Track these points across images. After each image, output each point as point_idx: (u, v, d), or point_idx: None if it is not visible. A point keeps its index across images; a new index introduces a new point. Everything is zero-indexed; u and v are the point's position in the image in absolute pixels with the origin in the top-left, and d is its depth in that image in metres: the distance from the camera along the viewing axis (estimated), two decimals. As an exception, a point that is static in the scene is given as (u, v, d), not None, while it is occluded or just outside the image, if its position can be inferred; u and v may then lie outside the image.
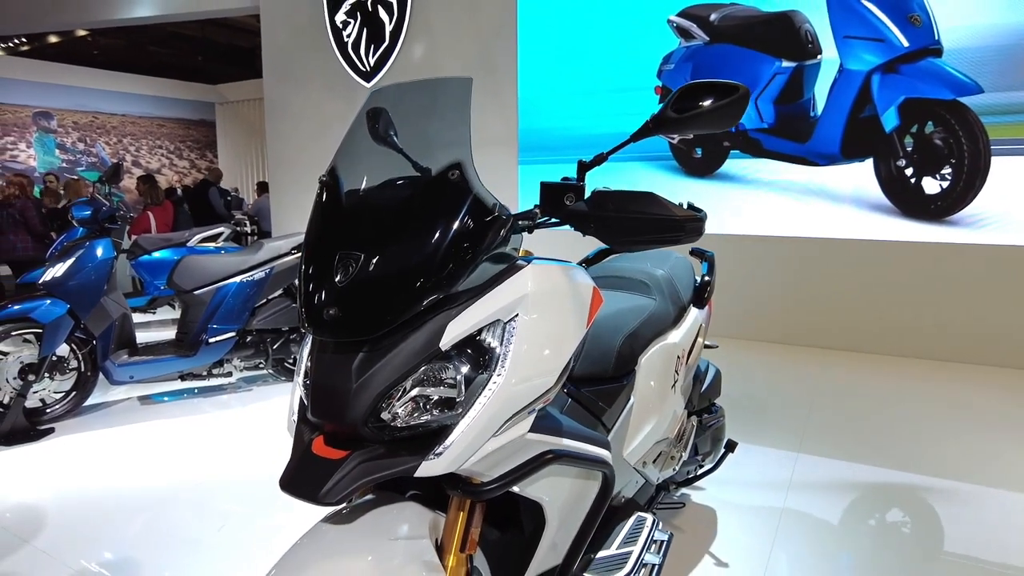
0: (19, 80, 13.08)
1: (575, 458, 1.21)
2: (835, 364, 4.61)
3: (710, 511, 2.47)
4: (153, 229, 7.21)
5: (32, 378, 3.26)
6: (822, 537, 2.34)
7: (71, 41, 13.37)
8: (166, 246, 4.84)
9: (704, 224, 1.18)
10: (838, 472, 2.88)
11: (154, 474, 2.90)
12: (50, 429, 3.37)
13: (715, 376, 2.42)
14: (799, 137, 4.90)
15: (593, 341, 1.65)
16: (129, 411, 3.72)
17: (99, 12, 9.28)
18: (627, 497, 1.77)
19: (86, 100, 13.92)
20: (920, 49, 4.42)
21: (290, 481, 1.03)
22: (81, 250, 3.38)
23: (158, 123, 15.22)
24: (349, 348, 1.04)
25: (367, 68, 6.79)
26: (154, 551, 2.28)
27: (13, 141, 13.04)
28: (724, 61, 5.17)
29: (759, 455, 3.02)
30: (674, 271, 2.13)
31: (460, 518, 1.12)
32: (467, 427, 1.01)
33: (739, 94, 1.15)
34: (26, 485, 2.82)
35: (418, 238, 1.04)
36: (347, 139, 1.23)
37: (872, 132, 4.64)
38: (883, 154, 4.64)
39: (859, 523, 2.45)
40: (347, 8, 6.78)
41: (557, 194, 1.18)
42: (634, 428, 1.73)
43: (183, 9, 8.74)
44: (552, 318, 1.13)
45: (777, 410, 3.69)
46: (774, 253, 5.20)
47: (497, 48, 6.13)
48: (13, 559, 2.23)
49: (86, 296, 3.32)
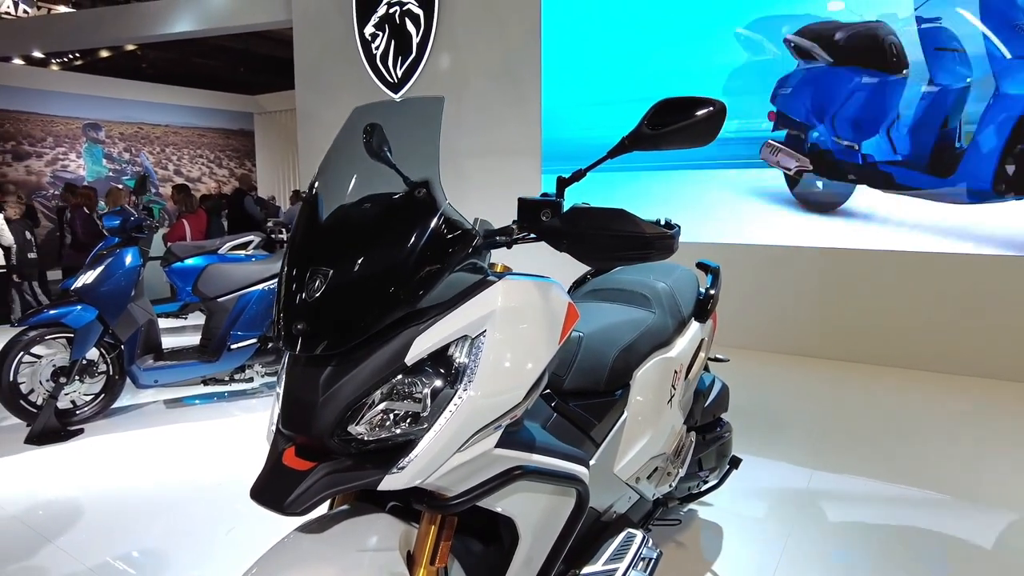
0: (71, 93, 13.66)
1: (546, 474, 1.21)
2: (858, 378, 4.49)
3: (715, 527, 2.43)
4: (188, 237, 7.44)
5: (63, 380, 3.40)
6: (831, 557, 2.28)
7: (121, 55, 13.94)
8: (197, 253, 4.97)
9: (675, 240, 1.17)
10: (853, 489, 2.80)
11: (175, 475, 2.98)
12: (80, 430, 3.50)
13: (721, 391, 2.39)
14: (941, 171, 4.30)
15: (586, 354, 1.65)
16: (155, 414, 3.84)
17: (145, 28, 9.66)
18: (619, 513, 1.75)
19: (132, 112, 14.46)
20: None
21: (259, 490, 1.05)
22: (110, 258, 3.52)
23: (199, 133, 15.70)
24: (318, 362, 1.06)
25: (395, 79, 6.90)
26: (166, 551, 2.35)
27: (64, 151, 13.60)
28: (850, 85, 4.56)
29: (772, 470, 2.97)
30: (677, 284, 2.11)
31: (431, 531, 1.13)
32: (431, 441, 1.02)
33: (714, 110, 1.14)
34: (54, 484, 2.94)
35: (383, 254, 1.06)
36: (328, 157, 1.26)
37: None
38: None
39: (872, 543, 2.38)
40: (376, 21, 6.91)
41: (534, 210, 1.19)
42: (627, 443, 1.71)
43: (222, 23, 9.04)
44: (522, 334, 1.14)
45: (795, 424, 3.61)
46: (795, 265, 5.10)
47: (521, 59, 6.18)
48: (34, 557, 2.33)
49: (114, 302, 3.45)
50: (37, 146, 13.27)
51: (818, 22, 4.80)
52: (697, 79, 5.39)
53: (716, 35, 5.31)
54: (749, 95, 5.17)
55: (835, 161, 4.81)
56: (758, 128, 5.16)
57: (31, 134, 13.20)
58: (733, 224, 5.36)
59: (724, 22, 5.27)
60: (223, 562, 2.24)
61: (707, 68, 5.36)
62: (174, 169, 15.22)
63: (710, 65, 5.35)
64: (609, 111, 5.81)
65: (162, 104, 14.89)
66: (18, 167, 13.06)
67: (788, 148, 5.01)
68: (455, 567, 1.26)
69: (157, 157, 14.97)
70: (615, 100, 5.75)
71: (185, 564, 2.26)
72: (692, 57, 5.42)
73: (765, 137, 5.13)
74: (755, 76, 5.16)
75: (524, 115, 6.18)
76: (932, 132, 4.40)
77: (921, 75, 4.40)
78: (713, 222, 5.45)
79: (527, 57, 6.13)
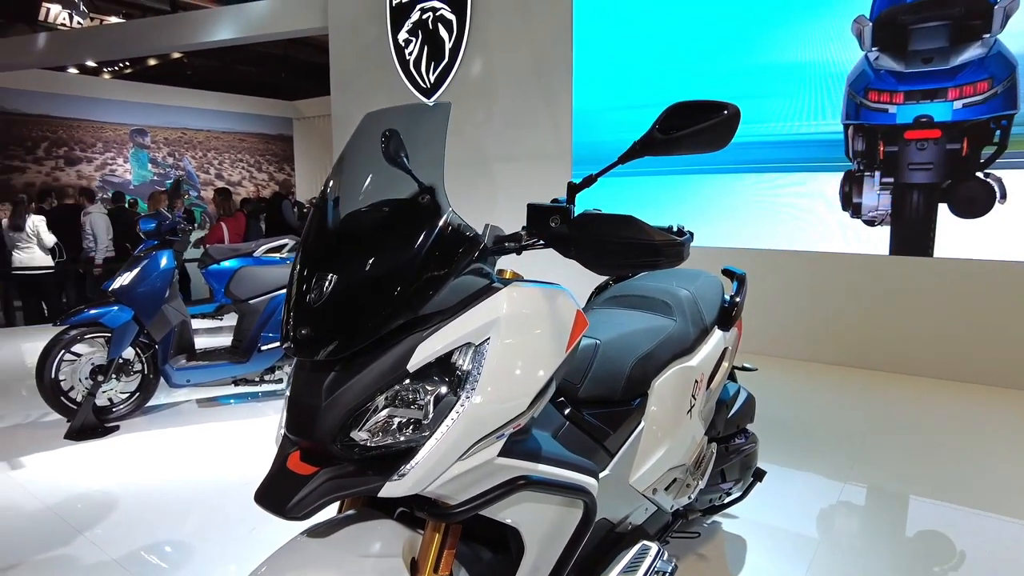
0: (119, 100, 14.17)
1: (551, 485, 1.19)
2: (895, 389, 4.35)
3: (739, 540, 2.37)
4: (226, 239, 7.61)
5: (101, 379, 3.50)
6: (860, 574, 2.20)
7: (168, 63, 14.39)
8: (233, 256, 5.08)
9: (686, 247, 1.15)
10: (886, 504, 2.71)
11: (205, 473, 3.05)
12: (116, 427, 3.60)
13: (746, 401, 2.33)
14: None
15: (602, 362, 1.62)
16: (188, 412, 3.94)
17: (188, 36, 9.96)
18: (635, 524, 1.72)
19: (176, 117, 14.92)
20: None
21: (262, 494, 1.06)
22: (146, 260, 3.62)
23: (239, 138, 16.11)
24: (323, 367, 1.07)
25: (428, 85, 6.96)
26: (191, 546, 2.40)
27: (112, 157, 14.11)
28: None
29: (802, 482, 2.88)
30: (700, 291, 2.07)
31: (435, 539, 1.12)
32: (431, 449, 1.01)
33: (728, 114, 1.12)
34: (89, 478, 3.03)
35: (386, 260, 1.06)
36: (339, 162, 1.27)
37: None
38: None
39: (905, 561, 2.28)
40: (409, 27, 6.98)
41: (544, 216, 1.18)
42: (644, 454, 1.68)
43: (261, 31, 9.25)
44: (527, 342, 1.12)
45: (827, 435, 3.51)
46: (830, 271, 4.97)
47: (553, 63, 6.17)
48: (63, 547, 2.40)
49: (149, 303, 3.55)
50: (88, 151, 13.80)
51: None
52: (731, 81, 5.30)
53: (750, 36, 5.22)
54: (786, 97, 5.06)
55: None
56: (796, 131, 5.05)
57: (82, 140, 13.72)
58: (766, 229, 5.25)
59: (758, 22, 5.17)
60: (244, 560, 2.28)
61: (741, 69, 5.27)
62: (215, 173, 15.64)
63: (744, 66, 5.25)
64: (641, 114, 5.74)
65: (204, 110, 15.34)
66: (70, 172, 13.58)
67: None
68: (461, 574, 1.25)
69: (199, 161, 15.41)
70: (647, 103, 5.69)
71: (206, 560, 2.30)
72: (725, 58, 5.33)
73: (804, 140, 5.01)
74: (794, 78, 5.04)
75: (555, 119, 6.17)
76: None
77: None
78: (745, 226, 5.35)
79: (559, 61, 6.12)
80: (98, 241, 7.78)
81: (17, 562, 2.30)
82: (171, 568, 2.29)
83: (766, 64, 5.15)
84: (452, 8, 6.65)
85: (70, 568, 2.28)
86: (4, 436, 3.54)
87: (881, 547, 2.37)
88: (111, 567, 2.27)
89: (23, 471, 3.09)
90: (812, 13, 4.93)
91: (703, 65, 5.45)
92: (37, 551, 2.38)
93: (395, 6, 7.09)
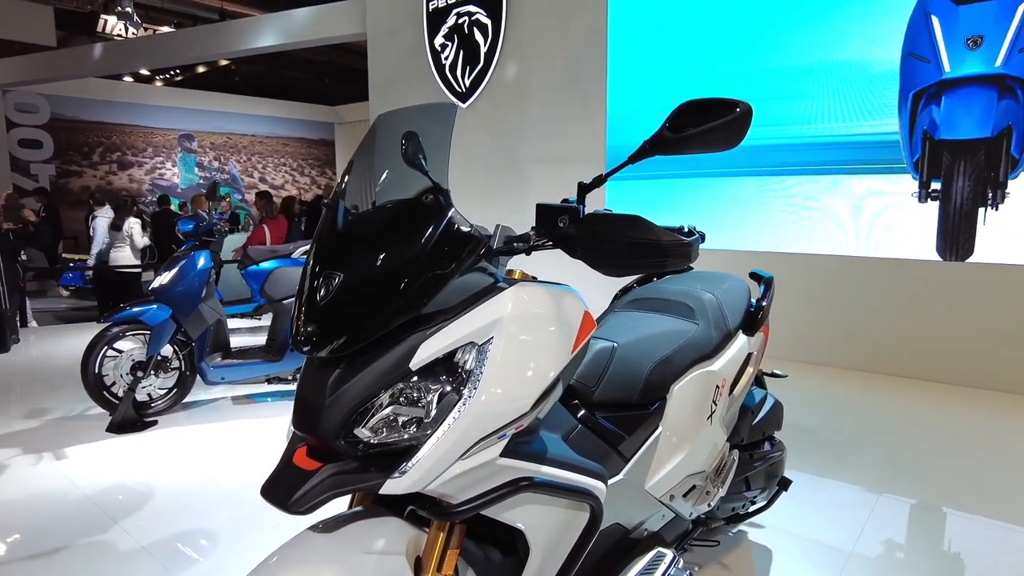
0: (169, 107, 14.71)
1: (556, 488, 1.18)
2: (934, 398, 4.18)
3: (764, 550, 2.31)
4: (268, 241, 7.80)
5: (141, 374, 3.62)
6: (892, 592, 2.12)
7: (216, 70, 14.87)
8: (272, 257, 5.21)
9: (694, 248, 1.12)
10: (923, 517, 2.60)
11: (237, 468, 3.13)
12: (154, 422, 3.72)
13: (773, 408, 2.27)
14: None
15: (619, 365, 1.60)
16: (224, 409, 4.04)
17: (234, 43, 10.27)
18: (651, 531, 1.69)
19: (222, 123, 15.42)
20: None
21: (267, 487, 1.08)
22: (184, 260, 3.73)
23: (283, 142, 16.52)
24: (328, 364, 1.08)
25: (463, 89, 7.01)
26: (218, 538, 2.46)
27: (162, 161, 14.64)
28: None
29: (834, 491, 2.79)
30: (725, 295, 2.02)
31: (439, 538, 1.13)
32: (432, 447, 1.02)
33: (740, 112, 1.09)
34: (127, 471, 3.13)
35: (388, 259, 1.07)
36: (351, 163, 1.28)
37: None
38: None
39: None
40: (445, 31, 7.05)
41: (552, 216, 1.17)
42: (661, 459, 1.65)
43: (303, 37, 9.48)
44: (531, 342, 1.11)
45: (862, 444, 3.39)
46: (863, 276, 4.82)
47: (587, 65, 6.14)
48: (100, 535, 2.49)
49: (186, 302, 3.65)
50: (139, 156, 14.34)
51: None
52: (766, 82, 5.19)
53: (786, 36, 5.10)
54: (815, 98, 4.94)
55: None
56: (838, 133, 4.92)
57: (134, 145, 14.28)
58: (800, 232, 5.12)
59: (794, 22, 5.06)
60: (267, 553, 2.32)
61: (776, 70, 5.15)
62: (259, 176, 16.07)
63: (780, 67, 5.14)
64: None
65: (249, 115, 15.80)
66: (122, 175, 14.13)
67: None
68: (468, 574, 1.25)
69: (244, 165, 15.86)
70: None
71: (232, 551, 2.36)
72: (761, 59, 5.22)
73: (843, 142, 4.88)
74: (835, 78, 4.91)
75: (590, 121, 6.14)
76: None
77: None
78: (777, 230, 5.22)
79: (593, 63, 6.10)
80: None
81: (61, 546, 2.40)
82: (199, 558, 2.35)
83: (804, 65, 5.03)
84: (487, 12, 6.69)
85: (105, 554, 2.36)
86: (52, 428, 3.69)
87: (917, 562, 2.28)
88: (142, 555, 2.34)
89: (67, 462, 3.21)
90: (850, 12, 4.80)
91: (739, 66, 5.35)
92: (76, 537, 2.47)
93: (432, 11, 7.17)
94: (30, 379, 4.99)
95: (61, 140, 13.39)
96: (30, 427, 3.70)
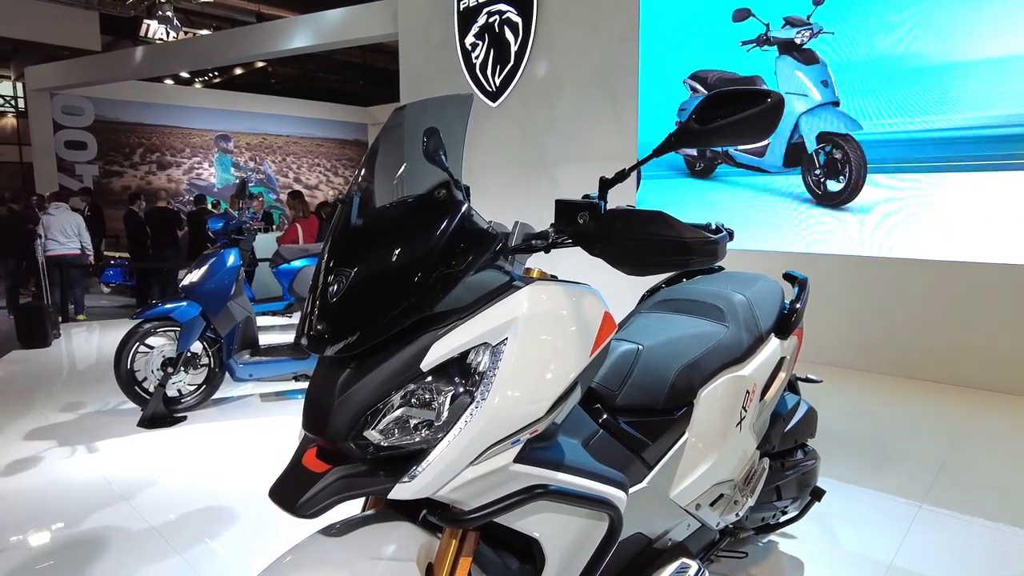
0: (206, 108, 15.03)
1: (573, 496, 1.13)
2: (978, 406, 4.00)
3: (796, 562, 2.21)
4: (300, 240, 7.89)
5: (171, 370, 3.67)
6: (933, 611, 2.01)
7: (253, 72, 15.15)
8: (303, 256, 5.26)
9: (720, 246, 1.06)
10: (967, 531, 2.47)
11: (262, 465, 3.14)
12: (183, 417, 3.77)
13: (807, 414, 2.18)
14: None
15: (644, 369, 1.55)
16: (252, 406, 4.08)
17: (268, 45, 10.44)
18: (675, 540, 1.63)
19: (257, 123, 15.69)
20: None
21: (275, 489, 1.05)
22: (213, 258, 3.77)
23: (317, 143, 16.74)
24: (339, 364, 1.05)
25: (493, 88, 6.98)
26: (239, 534, 2.47)
27: (199, 161, 14.96)
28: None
29: (872, 501, 2.68)
30: (757, 296, 1.94)
31: (452, 545, 1.09)
32: (442, 452, 0.98)
33: (772, 102, 1.03)
34: (155, 464, 3.17)
35: (399, 256, 1.04)
36: (367, 159, 1.25)
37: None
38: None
39: (985, 601, 2.08)
40: (476, 30, 7.03)
41: (572, 212, 1.12)
42: (686, 467, 1.59)
43: (336, 38, 9.57)
44: (547, 343, 1.07)
45: (906, 453, 3.25)
46: (904, 278, 4.64)
47: (618, 64, 6.06)
48: (123, 526, 2.52)
49: (215, 299, 3.69)
50: (177, 156, 14.68)
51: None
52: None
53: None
54: (866, 95, 4.78)
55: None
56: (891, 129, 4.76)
57: (172, 146, 14.62)
58: (840, 233, 4.96)
59: (821, 19, 4.91)
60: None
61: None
62: (294, 177, 16.31)
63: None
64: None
65: (284, 116, 16.05)
66: (161, 175, 14.48)
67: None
68: (484, 582, 1.21)
69: (279, 165, 16.11)
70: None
71: (255, 547, 2.35)
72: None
73: (921, 139, 4.72)
74: (869, 73, 4.75)
75: (620, 121, 6.06)
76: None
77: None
78: (813, 230, 5.07)
79: (624, 62, 6.01)
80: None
81: (90, 538, 2.44)
82: (224, 552, 2.36)
83: (841, 59, 4.87)
84: (518, 11, 6.65)
85: (131, 547, 2.38)
86: (86, 422, 3.77)
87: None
88: (167, 549, 2.36)
89: (98, 455, 3.27)
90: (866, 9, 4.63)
91: (769, 67, 5.21)
92: (105, 529, 2.51)
93: (463, 10, 7.16)
94: (68, 373, 5.12)
95: (104, 141, 13.79)
96: (66, 420, 3.79)
